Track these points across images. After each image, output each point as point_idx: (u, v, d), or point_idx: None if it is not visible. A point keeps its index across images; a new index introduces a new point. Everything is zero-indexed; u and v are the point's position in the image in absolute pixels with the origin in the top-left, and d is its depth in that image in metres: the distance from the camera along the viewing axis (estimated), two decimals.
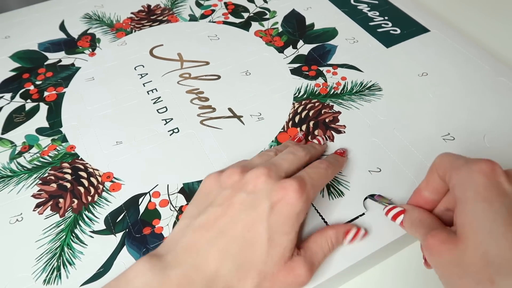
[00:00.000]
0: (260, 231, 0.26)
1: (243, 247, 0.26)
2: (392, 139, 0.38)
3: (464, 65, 0.45)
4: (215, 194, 0.29)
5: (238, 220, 0.27)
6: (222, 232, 0.27)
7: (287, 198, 0.27)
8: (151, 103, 0.43)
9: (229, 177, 0.29)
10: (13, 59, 0.49)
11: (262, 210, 0.27)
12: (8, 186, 0.36)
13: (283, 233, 0.27)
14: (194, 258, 0.26)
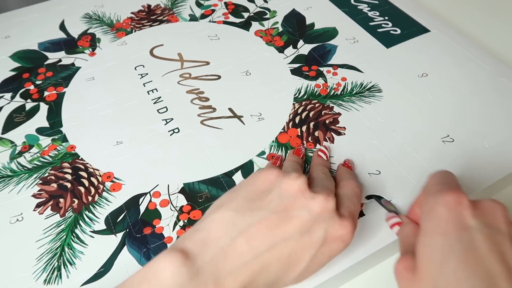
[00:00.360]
0: (305, 257, 0.25)
1: (283, 268, 0.25)
2: (391, 142, 0.38)
3: (464, 65, 0.45)
4: (274, 196, 0.27)
5: (290, 240, 0.25)
6: (270, 248, 0.25)
7: (344, 238, 0.26)
8: (152, 103, 0.43)
9: (294, 184, 0.27)
10: (13, 59, 0.49)
11: (317, 238, 0.26)
12: (8, 186, 0.36)
13: (320, 264, 0.26)
14: (233, 267, 0.24)
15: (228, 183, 0.36)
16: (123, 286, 0.24)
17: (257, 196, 0.27)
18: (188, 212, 0.34)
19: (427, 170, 0.35)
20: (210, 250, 0.24)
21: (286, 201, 0.26)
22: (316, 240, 0.26)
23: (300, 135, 0.39)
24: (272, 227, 0.25)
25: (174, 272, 0.23)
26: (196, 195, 0.35)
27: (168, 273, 0.23)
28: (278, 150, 0.38)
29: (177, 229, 0.33)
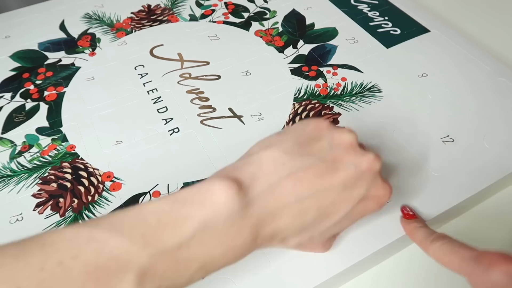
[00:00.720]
0: (341, 211, 0.26)
1: (318, 217, 0.26)
2: (391, 142, 0.38)
3: (464, 65, 0.45)
4: (324, 145, 0.27)
5: (333, 192, 0.25)
6: (313, 195, 0.25)
7: (380, 199, 0.27)
8: (151, 103, 0.43)
9: (346, 137, 0.27)
10: (13, 58, 0.49)
11: (356, 195, 0.26)
12: (8, 186, 0.36)
13: (351, 221, 0.27)
14: (275, 207, 0.24)
15: None
16: (174, 198, 0.23)
17: (307, 142, 0.27)
18: None
19: (427, 170, 0.35)
20: (259, 185, 0.24)
21: (336, 152, 0.26)
22: (355, 196, 0.26)
23: None
24: (319, 175, 0.25)
25: (228, 199, 0.22)
26: None
27: (223, 198, 0.22)
28: None
29: None
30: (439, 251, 0.27)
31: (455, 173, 0.35)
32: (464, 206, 0.35)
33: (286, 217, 0.24)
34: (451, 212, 0.34)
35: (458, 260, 0.25)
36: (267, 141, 0.27)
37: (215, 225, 0.22)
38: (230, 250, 0.23)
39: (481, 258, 0.24)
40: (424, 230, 0.29)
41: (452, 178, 0.35)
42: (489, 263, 0.24)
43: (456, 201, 0.33)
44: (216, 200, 0.22)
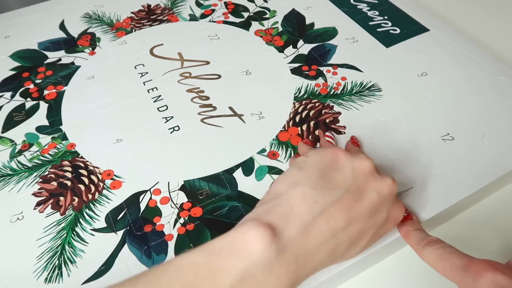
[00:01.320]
0: (367, 237, 0.27)
1: (349, 246, 0.26)
2: (392, 140, 0.38)
3: (464, 64, 0.45)
4: (347, 175, 0.27)
5: (361, 220, 0.26)
6: (345, 228, 0.25)
7: (397, 219, 0.29)
8: (152, 102, 0.43)
9: (366, 164, 0.28)
10: (13, 58, 0.49)
11: (380, 219, 0.27)
12: (8, 185, 0.36)
13: (373, 243, 0.28)
14: (312, 247, 0.24)
15: (228, 180, 0.36)
16: (209, 250, 0.23)
17: (330, 174, 0.27)
18: (188, 209, 0.34)
19: (428, 168, 0.35)
20: (294, 227, 0.24)
21: (359, 181, 0.27)
22: (379, 221, 0.27)
23: (300, 133, 0.39)
24: (348, 207, 0.26)
25: (264, 248, 0.22)
26: (196, 192, 0.35)
27: (259, 247, 0.22)
28: (278, 148, 0.38)
29: (178, 226, 0.33)
30: (431, 257, 0.27)
31: (455, 171, 0.35)
32: (464, 204, 0.35)
33: (322, 254, 0.25)
34: (452, 210, 0.34)
35: (449, 267, 0.26)
36: (291, 177, 0.27)
37: (253, 275, 0.22)
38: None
39: (469, 266, 0.25)
40: (417, 234, 0.29)
41: (452, 176, 0.35)
42: (476, 272, 0.24)
43: (456, 199, 0.33)
44: (252, 250, 0.22)
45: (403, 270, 0.33)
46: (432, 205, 0.33)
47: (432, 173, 0.35)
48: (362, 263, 0.31)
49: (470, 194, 0.34)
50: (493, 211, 0.36)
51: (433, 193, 0.34)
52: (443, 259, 0.27)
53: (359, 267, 0.32)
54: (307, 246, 0.24)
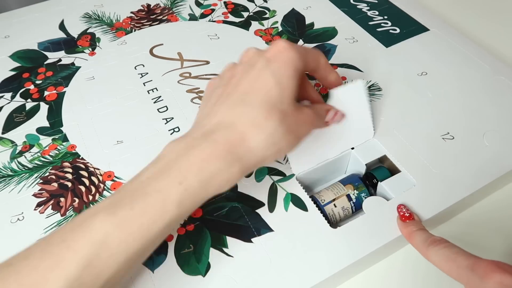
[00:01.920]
0: (266, 78, 0.28)
1: (256, 94, 0.27)
2: (392, 139, 0.38)
3: (464, 64, 0.45)
4: (219, 78, 0.32)
5: (244, 79, 0.28)
6: (234, 94, 0.28)
7: (280, 48, 0.29)
8: (152, 102, 0.43)
9: (225, 70, 0.32)
10: (13, 58, 0.49)
11: (260, 65, 0.28)
12: (9, 186, 0.36)
13: (288, 77, 0.28)
14: (215, 114, 0.28)
15: None
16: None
17: (209, 95, 0.33)
18: None
19: (428, 167, 0.35)
20: (200, 125, 0.29)
21: (227, 75, 0.31)
22: (261, 65, 0.28)
23: None
24: (225, 89, 0.30)
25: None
26: None
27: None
28: None
29: (178, 227, 0.33)
30: (436, 257, 0.27)
31: (455, 171, 0.35)
32: (464, 203, 0.35)
33: (238, 112, 0.27)
34: (452, 209, 0.34)
35: (455, 268, 0.26)
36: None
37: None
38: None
39: (476, 267, 0.25)
40: (421, 234, 0.29)
41: (452, 176, 0.35)
42: (483, 273, 0.24)
43: (456, 198, 0.33)
44: (168, 153, 0.27)
45: (403, 270, 0.33)
46: (432, 204, 0.33)
47: (432, 173, 0.35)
48: (362, 263, 0.31)
49: (470, 194, 0.34)
50: (493, 210, 0.36)
51: (433, 192, 0.34)
52: (449, 259, 0.27)
53: (359, 267, 0.32)
54: (221, 126, 0.27)
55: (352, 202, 0.35)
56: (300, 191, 0.34)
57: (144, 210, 0.24)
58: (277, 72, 0.28)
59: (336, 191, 0.35)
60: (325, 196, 0.35)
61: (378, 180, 0.35)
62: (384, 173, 0.36)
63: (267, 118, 0.27)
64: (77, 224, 0.24)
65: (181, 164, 0.26)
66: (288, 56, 0.28)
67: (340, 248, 0.31)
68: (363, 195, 0.35)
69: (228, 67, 0.32)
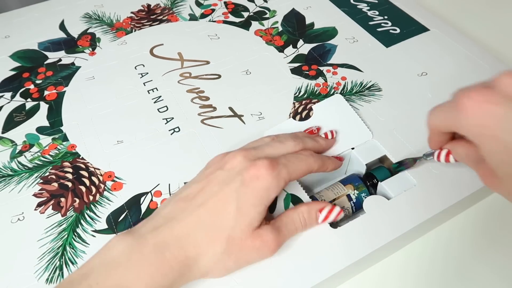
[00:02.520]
0: (229, 201, 0.28)
1: (213, 215, 0.28)
2: (392, 140, 0.38)
3: (464, 64, 0.45)
4: (199, 175, 0.32)
5: (212, 194, 0.29)
6: (197, 205, 0.29)
7: (257, 173, 0.29)
8: (152, 102, 0.43)
9: (212, 160, 0.32)
10: (13, 58, 0.49)
11: (234, 184, 0.29)
12: (9, 185, 0.36)
13: (251, 205, 0.28)
14: (170, 225, 0.28)
15: None
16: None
17: (189, 183, 0.32)
18: None
19: (428, 167, 0.35)
20: (151, 219, 0.29)
21: (208, 171, 0.31)
22: (233, 185, 0.29)
23: None
24: (197, 192, 0.30)
25: (120, 236, 0.28)
26: None
27: (116, 238, 0.28)
28: None
29: None
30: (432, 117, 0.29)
31: (455, 171, 0.35)
32: (464, 204, 0.35)
33: (185, 226, 0.28)
34: (452, 209, 0.34)
35: (443, 116, 0.27)
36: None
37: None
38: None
39: (453, 103, 0.25)
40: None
41: (452, 176, 0.35)
42: (458, 104, 0.25)
43: (456, 198, 0.33)
44: (110, 243, 0.28)
45: (403, 269, 0.33)
46: (432, 204, 0.33)
47: (432, 173, 0.35)
48: (362, 263, 0.31)
49: (470, 194, 0.34)
50: (493, 210, 0.36)
51: (433, 192, 0.34)
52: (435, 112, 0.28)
53: (359, 266, 0.32)
54: (166, 226, 0.28)
55: (352, 202, 0.35)
56: (300, 191, 0.34)
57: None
58: (242, 198, 0.28)
59: (336, 191, 0.35)
60: (325, 196, 0.35)
61: (379, 180, 0.35)
62: (384, 173, 0.36)
63: (209, 243, 0.28)
64: None
65: (126, 275, 0.26)
66: (261, 185, 0.28)
67: (340, 248, 0.31)
68: (363, 195, 0.35)
69: (215, 158, 0.32)
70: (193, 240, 0.27)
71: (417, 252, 0.34)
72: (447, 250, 0.34)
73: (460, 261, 0.33)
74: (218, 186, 0.29)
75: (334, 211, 0.31)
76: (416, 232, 0.33)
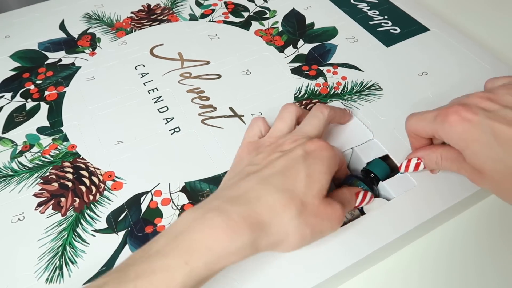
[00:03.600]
0: (299, 168, 0.28)
1: (284, 181, 0.28)
2: (392, 139, 0.38)
3: (464, 64, 0.45)
4: (251, 158, 0.31)
5: (278, 165, 0.29)
6: (264, 175, 0.28)
7: (319, 145, 0.30)
8: (152, 102, 0.43)
9: (263, 143, 0.33)
10: (13, 58, 0.49)
11: (298, 155, 0.29)
12: (9, 185, 0.36)
13: (320, 172, 0.29)
14: (237, 190, 0.27)
15: None
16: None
17: (237, 165, 0.33)
18: None
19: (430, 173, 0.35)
20: (220, 196, 0.28)
21: (263, 155, 0.31)
22: (298, 156, 0.29)
23: None
24: (258, 170, 0.30)
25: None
26: (197, 194, 0.35)
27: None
28: None
29: None
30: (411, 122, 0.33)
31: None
32: (464, 204, 0.35)
33: (258, 190, 0.27)
34: (452, 209, 0.34)
35: (428, 124, 0.31)
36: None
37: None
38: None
39: (438, 114, 0.30)
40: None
41: (452, 176, 0.35)
42: (444, 117, 0.29)
43: (456, 198, 0.33)
44: (183, 224, 0.26)
45: (403, 270, 0.33)
46: (432, 204, 0.33)
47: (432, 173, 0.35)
48: (362, 263, 0.31)
49: (470, 194, 0.34)
50: (493, 211, 0.36)
51: (433, 192, 0.34)
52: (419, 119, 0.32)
53: (359, 267, 0.32)
54: (241, 198, 0.27)
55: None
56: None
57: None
58: (311, 166, 0.28)
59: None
60: None
61: (375, 173, 0.35)
62: (378, 164, 0.36)
63: (285, 207, 0.27)
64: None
65: (190, 239, 0.25)
66: (327, 154, 0.29)
67: (341, 249, 0.31)
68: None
69: (266, 142, 0.33)
70: (265, 203, 0.26)
71: (418, 252, 0.34)
72: (448, 251, 0.34)
73: (461, 261, 0.33)
74: (283, 159, 0.29)
75: (367, 196, 0.32)
76: (417, 232, 0.33)
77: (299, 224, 0.27)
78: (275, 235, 0.26)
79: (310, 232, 0.27)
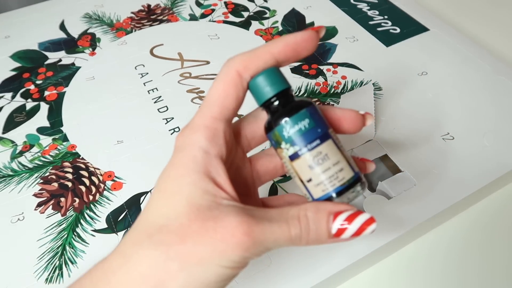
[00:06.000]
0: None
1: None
2: (392, 139, 0.38)
3: (464, 63, 0.45)
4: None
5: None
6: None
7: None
8: (152, 103, 0.43)
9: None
10: (14, 58, 0.49)
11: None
12: (9, 186, 0.36)
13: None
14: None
15: None
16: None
17: None
18: None
19: (428, 168, 0.35)
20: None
21: None
22: None
23: None
24: None
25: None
26: None
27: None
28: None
29: None
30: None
31: (455, 171, 0.35)
32: (464, 203, 0.35)
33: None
34: (452, 209, 0.34)
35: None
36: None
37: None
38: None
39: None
40: None
41: (452, 176, 0.35)
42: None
43: (456, 198, 0.33)
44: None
45: (403, 270, 0.33)
46: (432, 204, 0.33)
47: (432, 173, 0.35)
48: (362, 263, 0.31)
49: (470, 194, 0.34)
50: (493, 211, 0.36)
51: (433, 192, 0.34)
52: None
53: (359, 267, 0.32)
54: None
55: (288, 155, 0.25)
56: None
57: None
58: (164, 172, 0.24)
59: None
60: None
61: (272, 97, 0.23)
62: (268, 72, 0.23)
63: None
64: None
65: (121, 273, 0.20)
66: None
67: (340, 248, 0.31)
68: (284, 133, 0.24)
69: None
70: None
71: (417, 252, 0.34)
72: (448, 250, 0.34)
73: (461, 261, 0.33)
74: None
75: (357, 219, 0.20)
76: (416, 232, 0.33)
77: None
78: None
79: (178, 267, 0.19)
